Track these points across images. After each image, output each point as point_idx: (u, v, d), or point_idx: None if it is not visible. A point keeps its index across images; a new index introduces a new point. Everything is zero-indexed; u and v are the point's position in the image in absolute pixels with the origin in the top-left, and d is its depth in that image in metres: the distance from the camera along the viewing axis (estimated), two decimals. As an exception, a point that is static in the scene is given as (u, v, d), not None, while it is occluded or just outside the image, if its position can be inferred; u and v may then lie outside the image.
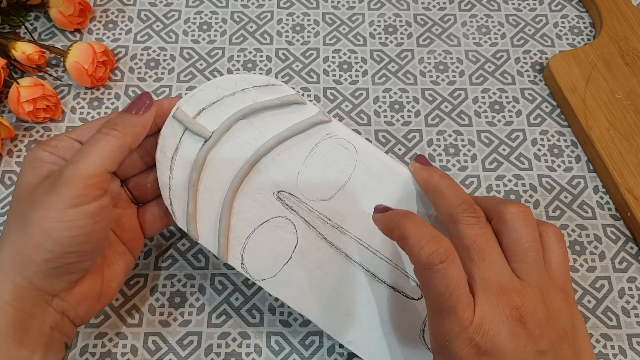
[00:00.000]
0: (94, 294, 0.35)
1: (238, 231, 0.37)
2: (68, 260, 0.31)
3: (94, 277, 0.35)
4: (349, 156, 0.38)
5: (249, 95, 0.37)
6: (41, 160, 0.33)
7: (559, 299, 0.30)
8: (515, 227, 0.31)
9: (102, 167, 0.32)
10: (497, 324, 0.28)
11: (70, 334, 0.34)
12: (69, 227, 0.30)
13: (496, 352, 0.28)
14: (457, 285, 0.29)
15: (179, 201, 0.37)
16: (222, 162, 0.37)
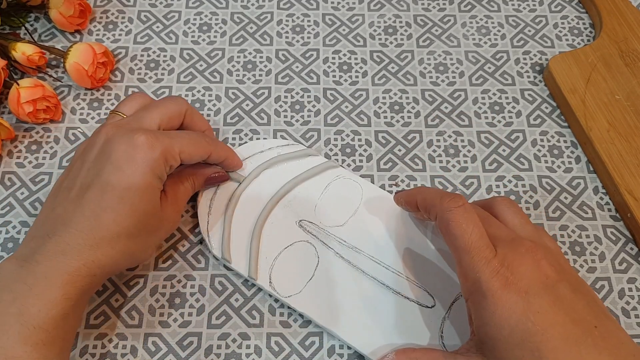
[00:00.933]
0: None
1: (266, 254, 0.42)
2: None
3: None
4: (356, 191, 0.45)
5: (274, 151, 0.47)
6: (162, 180, 0.39)
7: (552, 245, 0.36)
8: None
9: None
10: (518, 259, 0.32)
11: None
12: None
13: (522, 280, 0.32)
14: (477, 222, 0.34)
15: (215, 233, 0.43)
16: (252, 199, 0.44)
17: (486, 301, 0.32)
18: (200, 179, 0.43)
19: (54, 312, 0.33)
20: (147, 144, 0.37)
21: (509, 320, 0.31)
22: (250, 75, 0.52)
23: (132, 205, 0.36)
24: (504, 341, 0.31)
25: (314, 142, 0.49)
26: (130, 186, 0.36)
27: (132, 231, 0.37)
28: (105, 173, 0.37)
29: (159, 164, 0.38)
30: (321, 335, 0.41)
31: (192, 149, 0.40)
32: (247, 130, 0.49)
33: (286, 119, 0.50)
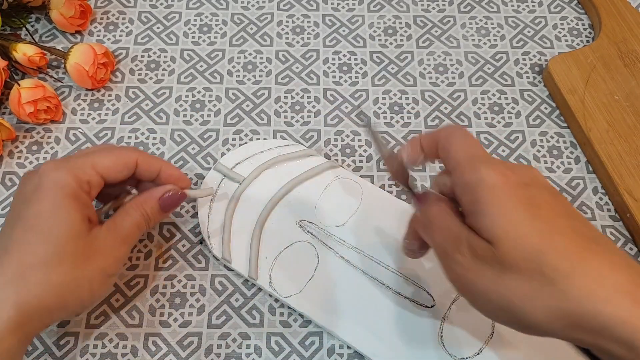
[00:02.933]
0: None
1: (266, 254, 0.42)
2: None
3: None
4: (356, 192, 0.45)
5: (274, 151, 0.46)
6: (77, 200, 0.35)
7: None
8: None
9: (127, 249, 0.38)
10: (486, 161, 0.30)
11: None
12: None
13: (483, 183, 0.29)
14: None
15: (215, 233, 0.43)
16: (253, 200, 0.44)
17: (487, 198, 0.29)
18: (150, 203, 0.38)
19: None
20: (51, 167, 0.35)
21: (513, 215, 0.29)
22: (250, 76, 0.52)
23: (43, 232, 0.33)
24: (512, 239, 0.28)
25: (314, 143, 0.49)
26: (37, 212, 0.34)
27: (49, 259, 0.33)
28: (15, 209, 0.35)
29: (68, 183, 0.34)
30: (321, 335, 0.41)
31: (107, 160, 0.37)
32: (247, 130, 0.49)
33: (286, 119, 0.50)
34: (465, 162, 0.31)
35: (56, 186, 0.34)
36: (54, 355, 0.40)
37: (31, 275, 0.32)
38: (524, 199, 0.29)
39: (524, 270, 0.28)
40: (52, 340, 0.40)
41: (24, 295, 0.32)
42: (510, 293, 0.28)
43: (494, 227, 0.29)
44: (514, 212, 0.28)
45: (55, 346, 0.40)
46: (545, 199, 0.29)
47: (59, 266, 0.33)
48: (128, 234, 0.37)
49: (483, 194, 0.29)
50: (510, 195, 0.29)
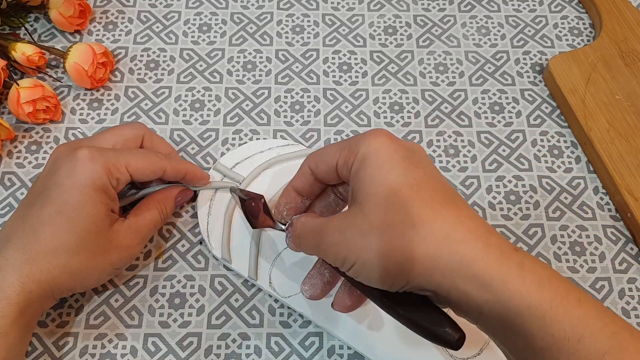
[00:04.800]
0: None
1: (266, 254, 0.42)
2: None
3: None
4: None
5: (274, 151, 0.46)
6: (107, 194, 0.38)
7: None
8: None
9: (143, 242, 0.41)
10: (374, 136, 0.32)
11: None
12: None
13: (371, 147, 0.31)
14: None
15: (215, 233, 0.43)
16: None
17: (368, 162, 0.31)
18: (169, 203, 0.42)
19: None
20: (87, 157, 0.37)
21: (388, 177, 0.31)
22: (250, 75, 0.52)
23: (70, 220, 0.36)
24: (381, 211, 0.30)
25: (314, 142, 0.49)
26: (67, 200, 0.36)
27: (71, 247, 0.36)
28: (46, 189, 0.37)
29: (100, 177, 0.37)
30: (321, 335, 0.41)
31: (141, 163, 0.39)
32: (247, 130, 0.49)
33: (286, 119, 0.50)
34: (349, 145, 0.33)
35: (89, 178, 0.37)
36: (54, 355, 0.40)
37: (54, 258, 0.35)
38: (405, 158, 0.31)
39: (393, 220, 0.29)
40: (51, 340, 0.40)
41: (44, 274, 0.35)
42: (377, 245, 0.30)
43: (371, 185, 0.30)
44: (392, 169, 0.30)
45: (54, 346, 0.40)
46: (423, 163, 0.32)
47: (78, 255, 0.36)
48: (147, 233, 0.40)
49: (371, 156, 0.31)
50: (392, 154, 0.31)
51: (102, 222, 0.37)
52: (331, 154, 0.34)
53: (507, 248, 0.29)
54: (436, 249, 0.28)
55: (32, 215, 0.36)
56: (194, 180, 0.43)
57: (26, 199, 0.38)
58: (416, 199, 0.29)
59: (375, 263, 0.30)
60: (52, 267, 0.35)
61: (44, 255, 0.35)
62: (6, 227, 0.37)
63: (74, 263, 0.36)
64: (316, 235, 0.33)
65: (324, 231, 0.32)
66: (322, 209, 0.38)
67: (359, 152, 0.32)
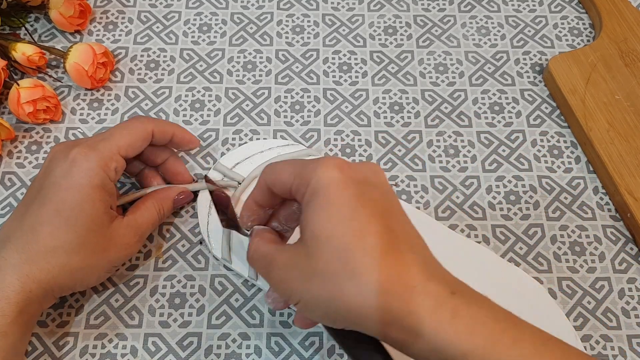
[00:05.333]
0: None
1: None
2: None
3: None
4: None
5: (274, 151, 0.46)
6: (104, 190, 0.38)
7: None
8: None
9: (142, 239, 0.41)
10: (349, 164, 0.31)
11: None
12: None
13: (320, 181, 0.30)
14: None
15: (215, 233, 0.43)
16: None
17: (317, 199, 0.31)
18: (167, 203, 0.42)
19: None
20: (81, 155, 0.37)
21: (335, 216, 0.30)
22: (250, 75, 0.52)
23: (69, 219, 0.36)
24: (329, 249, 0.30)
25: (314, 142, 0.49)
26: (65, 199, 0.36)
27: (71, 246, 0.36)
28: (44, 189, 0.37)
29: (96, 174, 0.37)
30: (321, 335, 0.41)
31: (128, 138, 0.39)
32: (247, 130, 0.49)
33: (286, 119, 0.50)
34: (302, 173, 0.32)
35: (85, 177, 0.37)
36: (54, 355, 0.40)
37: (53, 257, 0.35)
38: (354, 196, 0.30)
39: (333, 268, 0.29)
40: (51, 340, 0.40)
41: (44, 274, 0.35)
42: (317, 292, 0.30)
43: (317, 227, 0.30)
44: (338, 212, 0.29)
45: (54, 346, 0.40)
46: (373, 197, 0.30)
47: (78, 254, 0.36)
48: (145, 231, 0.41)
49: (319, 193, 0.30)
50: (341, 192, 0.30)
51: (100, 221, 0.37)
52: (285, 176, 0.33)
53: (443, 294, 0.28)
54: (371, 302, 0.28)
55: (30, 215, 0.36)
56: (183, 143, 0.43)
57: (24, 199, 0.38)
58: (358, 246, 0.29)
59: (316, 306, 0.30)
60: (51, 267, 0.35)
61: (43, 254, 0.35)
62: (5, 227, 0.37)
63: (74, 262, 0.36)
64: (266, 264, 0.33)
65: (272, 264, 0.32)
66: (286, 217, 0.37)
67: (310, 185, 0.31)
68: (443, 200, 0.47)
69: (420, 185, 0.47)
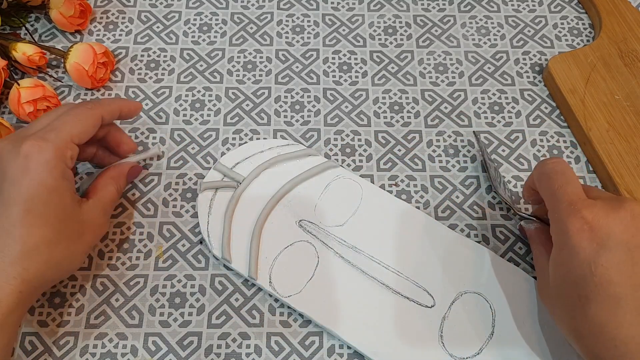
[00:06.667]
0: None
1: (266, 254, 0.43)
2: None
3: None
4: (356, 191, 0.45)
5: (274, 151, 0.47)
6: (67, 179, 0.38)
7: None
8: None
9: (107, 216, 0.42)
10: (612, 213, 0.33)
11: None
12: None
13: (602, 230, 0.33)
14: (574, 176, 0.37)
15: (215, 233, 0.43)
16: (252, 199, 0.44)
17: (560, 238, 0.34)
18: (123, 179, 0.43)
19: None
20: (35, 148, 0.36)
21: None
22: (250, 75, 0.52)
23: (42, 215, 0.36)
24: (560, 278, 0.34)
25: (314, 142, 0.49)
26: (32, 196, 0.35)
27: (50, 240, 0.36)
28: (4, 190, 0.36)
29: (55, 165, 0.37)
30: (321, 335, 0.41)
31: (81, 125, 0.39)
32: (247, 130, 0.49)
33: (286, 119, 0.50)
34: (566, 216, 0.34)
35: (46, 170, 0.36)
36: (54, 355, 0.40)
37: (35, 255, 0.35)
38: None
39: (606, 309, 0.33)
40: (51, 339, 0.40)
41: (31, 273, 0.35)
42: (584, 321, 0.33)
43: (603, 272, 0.33)
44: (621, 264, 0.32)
45: (55, 346, 0.40)
46: (610, 263, 0.32)
47: (58, 245, 0.36)
48: (110, 208, 0.42)
49: (612, 250, 0.33)
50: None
51: (71, 209, 0.37)
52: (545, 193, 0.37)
53: None
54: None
55: (1, 218, 0.35)
56: (130, 113, 0.44)
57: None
58: (594, 290, 0.32)
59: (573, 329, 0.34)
60: (37, 264, 0.35)
61: (26, 254, 0.35)
62: None
63: (56, 254, 0.36)
64: (539, 276, 0.39)
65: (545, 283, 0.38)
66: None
67: (601, 233, 0.33)
68: (443, 200, 0.47)
69: (420, 185, 0.47)
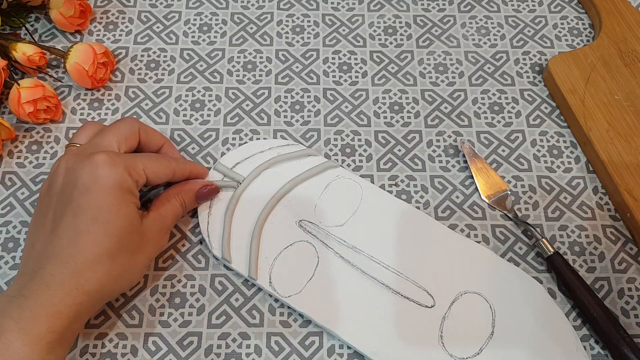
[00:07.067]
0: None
1: (266, 254, 0.43)
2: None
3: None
4: (356, 191, 0.45)
5: (274, 151, 0.47)
6: (133, 194, 0.39)
7: None
8: None
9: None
10: None
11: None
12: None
13: None
14: None
15: (215, 233, 0.43)
16: (252, 200, 0.44)
17: None
18: (189, 195, 0.43)
19: (39, 347, 0.33)
20: (108, 161, 0.37)
21: None
22: (250, 75, 0.52)
23: (107, 224, 0.36)
24: None
25: (314, 142, 0.49)
26: (101, 205, 0.36)
27: (113, 251, 0.36)
28: (74, 199, 0.36)
29: (125, 178, 0.38)
30: (321, 335, 0.41)
31: (155, 166, 0.40)
32: (247, 130, 0.49)
33: (286, 119, 0.50)
34: None
35: (115, 181, 0.37)
36: (54, 355, 0.40)
37: (98, 265, 0.36)
38: None
39: None
40: (52, 340, 0.40)
41: (92, 284, 0.35)
42: None
43: None
44: None
45: (55, 346, 0.40)
46: None
47: (120, 257, 0.37)
48: (170, 222, 0.42)
49: None
50: None
51: (136, 220, 0.38)
52: None
53: None
54: None
55: (66, 227, 0.36)
56: (198, 177, 0.45)
57: (49, 211, 0.38)
58: None
59: None
60: (98, 275, 0.36)
61: (88, 265, 0.35)
62: (37, 244, 0.37)
63: (117, 266, 0.37)
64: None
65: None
66: None
67: None
68: (443, 200, 0.47)
69: (420, 185, 0.47)
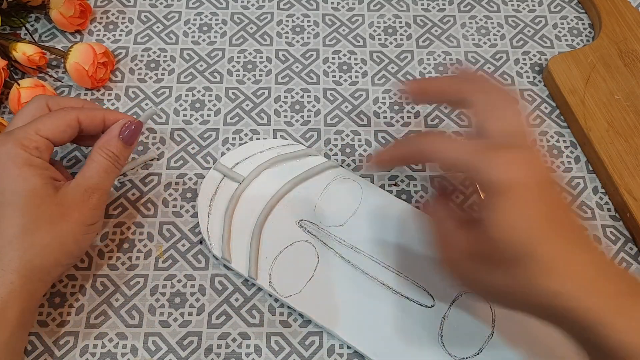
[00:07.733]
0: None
1: (266, 254, 0.43)
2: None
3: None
4: (356, 191, 0.45)
5: (274, 151, 0.47)
6: (33, 166, 0.37)
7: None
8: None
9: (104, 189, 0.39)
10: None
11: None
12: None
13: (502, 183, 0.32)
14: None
15: (215, 233, 0.43)
16: (252, 199, 0.44)
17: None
18: (112, 142, 0.39)
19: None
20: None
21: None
22: (250, 75, 0.52)
23: (13, 204, 0.35)
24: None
25: (314, 142, 0.49)
26: (1, 189, 0.36)
27: (28, 226, 0.35)
28: None
29: (16, 154, 0.36)
30: (321, 335, 0.41)
31: (50, 122, 0.38)
32: (247, 130, 0.49)
33: (286, 119, 0.50)
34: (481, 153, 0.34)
35: (8, 160, 0.36)
36: (54, 354, 0.40)
37: (17, 243, 0.35)
38: (540, 203, 0.31)
39: (515, 261, 0.31)
40: (51, 339, 0.40)
41: (17, 261, 0.35)
42: (501, 281, 0.32)
43: (507, 232, 0.31)
44: (530, 219, 0.31)
45: (55, 346, 0.40)
46: (554, 199, 0.32)
47: (38, 230, 0.36)
48: (97, 181, 0.38)
49: (505, 196, 0.31)
50: (527, 201, 0.31)
51: (43, 191, 0.36)
52: (456, 154, 0.35)
53: (620, 292, 0.30)
54: (549, 297, 0.31)
55: None
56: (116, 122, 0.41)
57: None
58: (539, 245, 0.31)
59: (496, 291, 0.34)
60: (21, 252, 0.35)
61: (8, 245, 0.35)
62: None
63: (39, 239, 0.36)
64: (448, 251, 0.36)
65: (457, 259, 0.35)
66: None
67: (490, 184, 0.32)
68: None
69: (420, 185, 0.47)
